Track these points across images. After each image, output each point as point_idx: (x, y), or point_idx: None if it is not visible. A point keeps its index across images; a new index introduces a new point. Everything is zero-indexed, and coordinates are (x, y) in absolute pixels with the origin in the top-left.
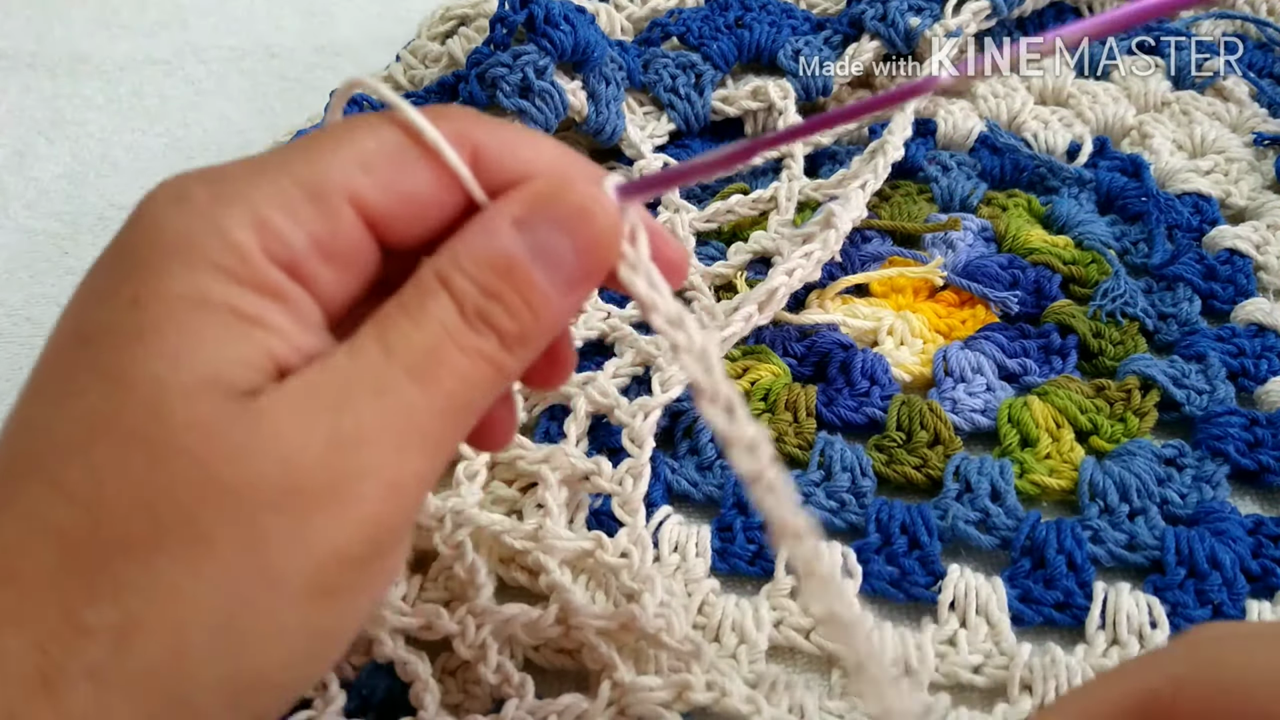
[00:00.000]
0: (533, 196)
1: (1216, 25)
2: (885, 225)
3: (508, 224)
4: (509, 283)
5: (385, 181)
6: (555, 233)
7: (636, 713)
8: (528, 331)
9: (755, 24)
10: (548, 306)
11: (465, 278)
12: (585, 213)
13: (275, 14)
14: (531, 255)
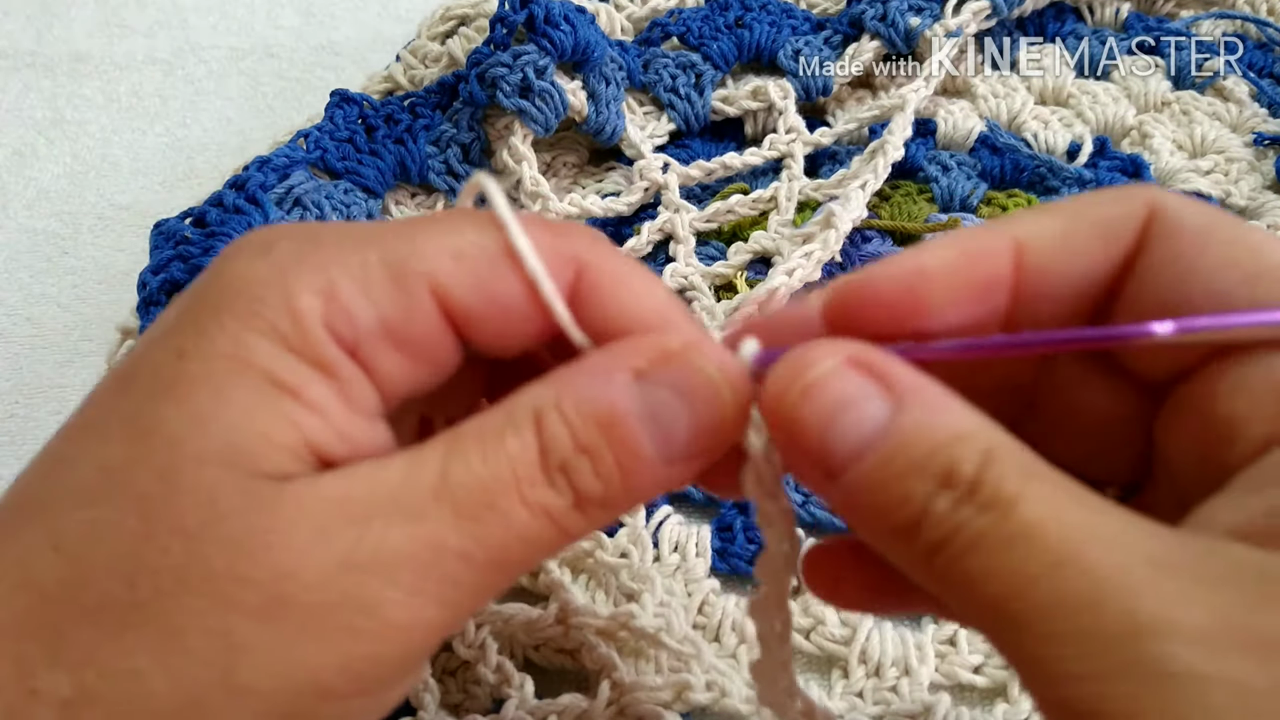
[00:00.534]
0: (661, 351)
1: (1216, 25)
2: (885, 225)
3: (627, 373)
4: (608, 439)
5: (474, 278)
6: (675, 399)
7: (636, 713)
8: (612, 498)
9: (755, 24)
10: (643, 476)
11: (561, 421)
12: (713, 388)
13: (275, 14)
14: (643, 416)
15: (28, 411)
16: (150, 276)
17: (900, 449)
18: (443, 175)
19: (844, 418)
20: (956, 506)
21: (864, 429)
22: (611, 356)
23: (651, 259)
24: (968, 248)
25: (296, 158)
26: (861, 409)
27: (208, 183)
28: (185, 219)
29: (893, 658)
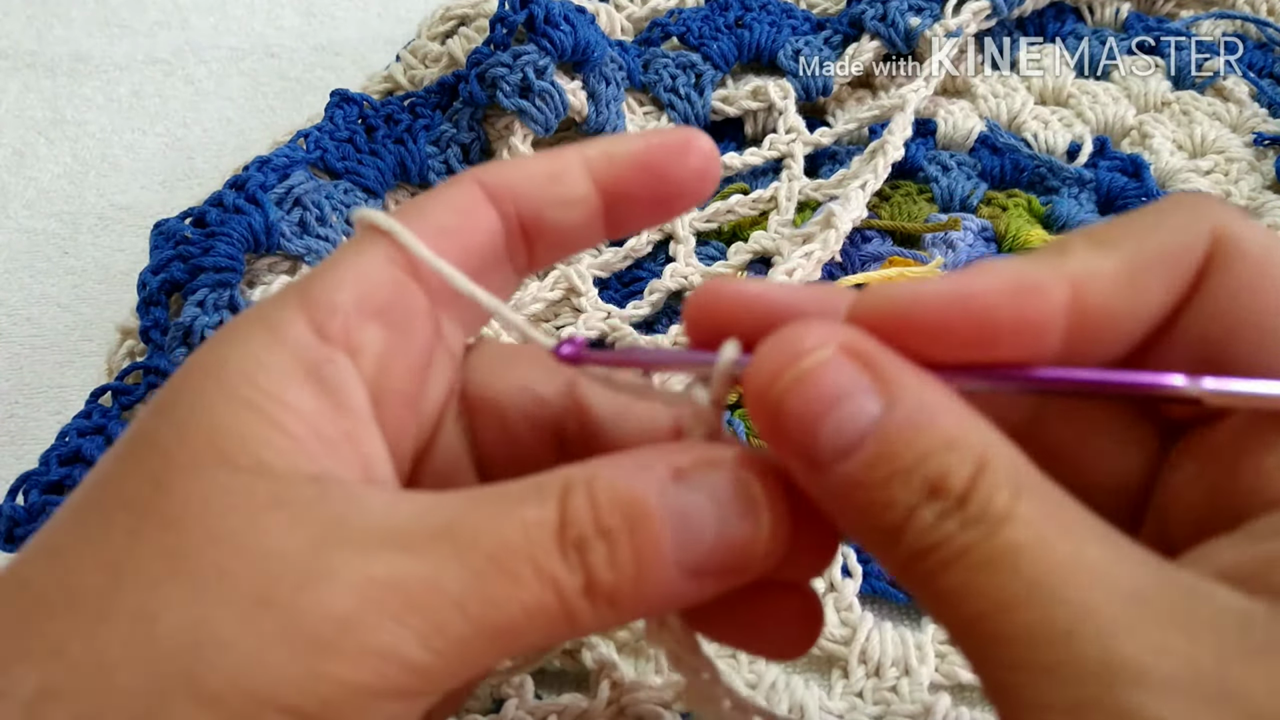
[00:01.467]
0: (704, 456)
1: (1216, 25)
2: (885, 225)
3: (666, 470)
4: (630, 527)
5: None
6: (710, 505)
7: (636, 713)
8: (622, 592)
9: (755, 24)
10: (658, 577)
11: (587, 498)
12: (751, 505)
13: (275, 14)
14: (671, 514)
15: (28, 412)
16: (150, 276)
17: (889, 452)
18: (443, 175)
19: (835, 412)
20: (942, 519)
21: (855, 425)
22: (656, 451)
23: (651, 259)
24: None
25: (296, 158)
26: (853, 404)
27: (208, 183)
28: (185, 219)
29: (893, 658)
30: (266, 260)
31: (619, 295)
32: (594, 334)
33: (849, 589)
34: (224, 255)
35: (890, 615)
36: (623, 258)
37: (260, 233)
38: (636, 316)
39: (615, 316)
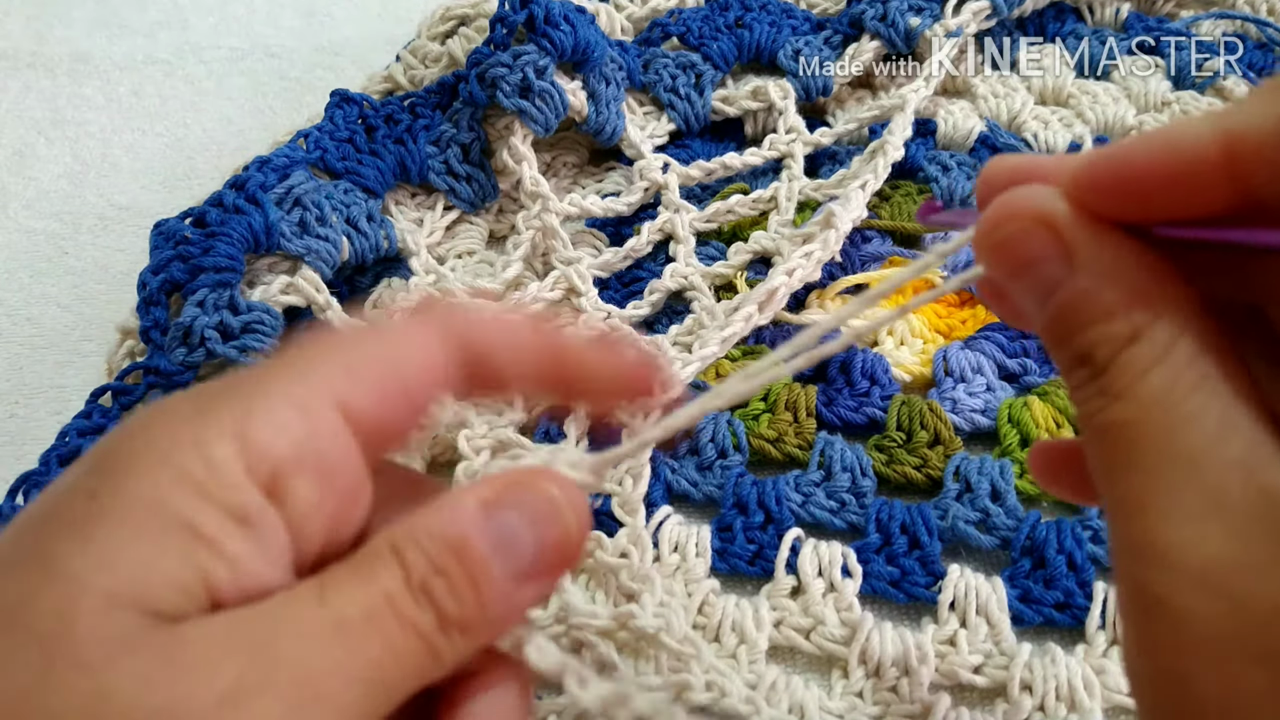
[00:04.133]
0: (508, 481)
1: (1216, 25)
2: (885, 225)
3: (474, 505)
4: (460, 562)
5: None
6: (521, 522)
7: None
8: (469, 618)
9: (755, 24)
10: (496, 596)
11: (418, 550)
12: (555, 508)
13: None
14: (491, 541)
15: (28, 412)
16: (150, 276)
17: (1062, 316)
18: (443, 175)
19: (1028, 274)
20: (1083, 385)
21: (1045, 287)
22: (460, 492)
23: (651, 259)
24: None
25: (296, 158)
26: (1042, 269)
27: (208, 183)
28: (185, 219)
29: (893, 658)
30: (266, 260)
31: (619, 295)
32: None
33: (849, 589)
34: (224, 255)
35: (890, 615)
36: (623, 258)
37: (260, 233)
38: (636, 316)
39: (615, 316)
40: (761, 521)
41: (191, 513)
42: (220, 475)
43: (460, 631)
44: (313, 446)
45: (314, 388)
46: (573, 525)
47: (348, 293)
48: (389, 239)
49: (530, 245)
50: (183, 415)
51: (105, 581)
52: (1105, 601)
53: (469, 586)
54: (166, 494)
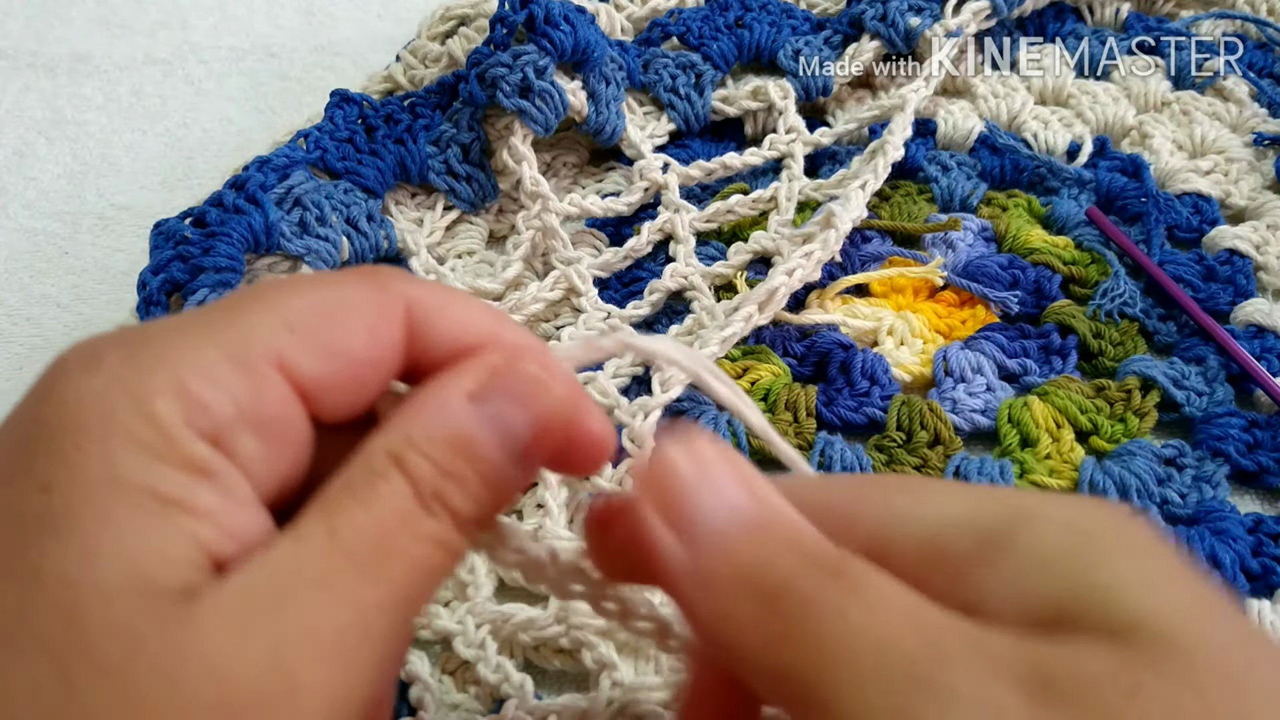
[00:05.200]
0: (487, 369)
1: (1216, 25)
2: (885, 225)
3: (462, 398)
4: (468, 461)
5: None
6: (511, 406)
7: (636, 713)
8: (483, 511)
9: (755, 24)
10: (503, 482)
11: (421, 457)
12: (541, 384)
13: (275, 14)
14: (489, 429)
15: None
16: (150, 276)
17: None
18: (443, 175)
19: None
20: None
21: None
22: (442, 387)
23: (651, 259)
24: None
25: (296, 158)
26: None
27: (208, 183)
28: (185, 219)
29: None
30: (266, 260)
31: (619, 295)
32: (593, 334)
33: None
34: (224, 255)
35: None
36: (623, 258)
37: (260, 233)
38: (636, 316)
39: (615, 316)
40: None
41: (153, 480)
42: (167, 432)
43: (474, 524)
44: (252, 404)
45: (251, 342)
46: (561, 394)
47: None
48: (389, 239)
49: (530, 245)
50: (113, 369)
51: (98, 576)
52: None
53: (481, 484)
54: (122, 466)
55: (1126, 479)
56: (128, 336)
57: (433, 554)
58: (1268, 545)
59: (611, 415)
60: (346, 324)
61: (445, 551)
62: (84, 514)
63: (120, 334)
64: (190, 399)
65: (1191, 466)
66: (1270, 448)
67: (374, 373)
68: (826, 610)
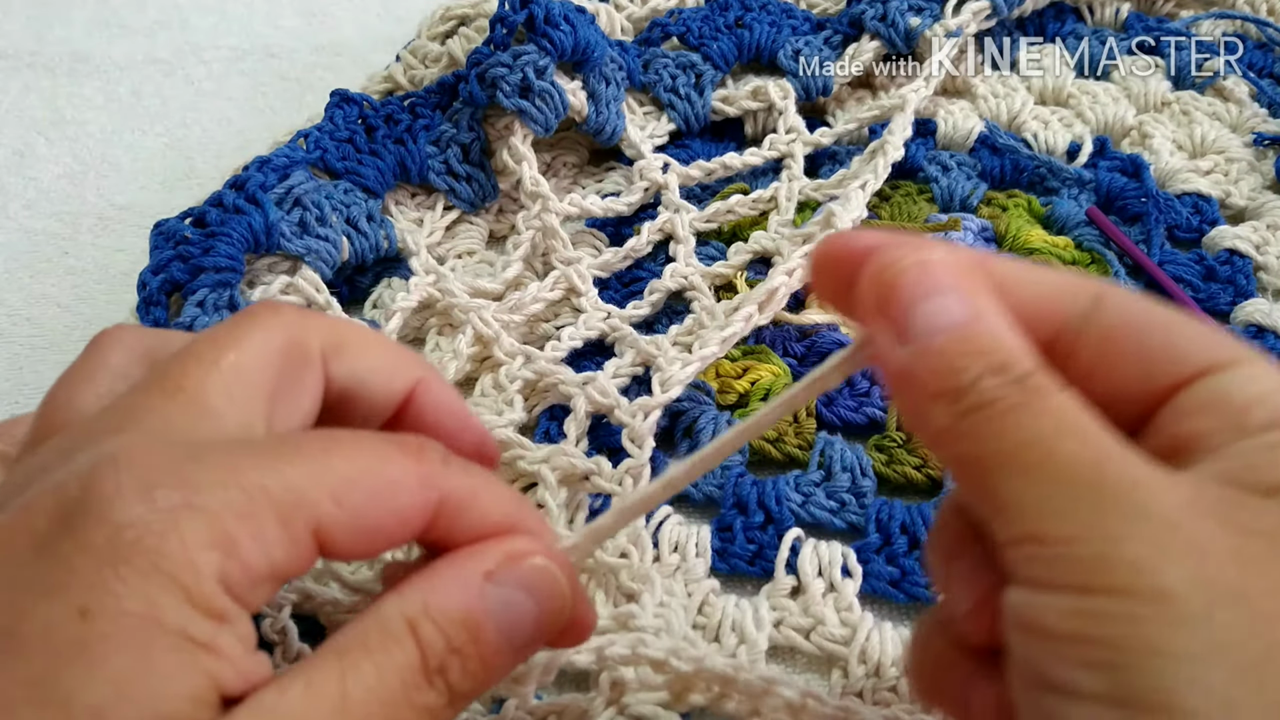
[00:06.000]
0: (506, 554)
1: (1216, 25)
2: (885, 225)
3: (479, 577)
4: (474, 643)
5: (352, 518)
6: (521, 594)
7: (636, 713)
8: (476, 689)
9: (755, 24)
10: (500, 667)
11: (435, 630)
12: (552, 578)
13: (275, 14)
14: (497, 616)
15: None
16: (150, 276)
17: (970, 338)
18: (443, 175)
19: (935, 300)
20: (1004, 385)
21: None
22: (463, 564)
23: (651, 259)
24: None
25: (296, 158)
26: (953, 302)
27: (208, 183)
28: (185, 219)
29: (893, 658)
30: (266, 260)
31: (619, 295)
32: (594, 334)
33: (849, 589)
34: (224, 255)
35: (890, 615)
36: (623, 258)
37: (260, 233)
38: (636, 316)
39: (615, 316)
40: (761, 521)
41: (185, 623)
42: (202, 582)
43: (465, 701)
44: (284, 567)
45: (301, 508)
46: (567, 595)
47: (348, 293)
48: (389, 239)
49: (530, 245)
50: (168, 504)
51: (124, 712)
52: None
53: (480, 666)
54: (159, 607)
55: None
56: (184, 462)
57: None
58: None
59: (612, 415)
60: (386, 507)
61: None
62: (120, 649)
63: (176, 454)
64: (236, 558)
65: None
66: None
67: (392, 545)
68: (1003, 410)
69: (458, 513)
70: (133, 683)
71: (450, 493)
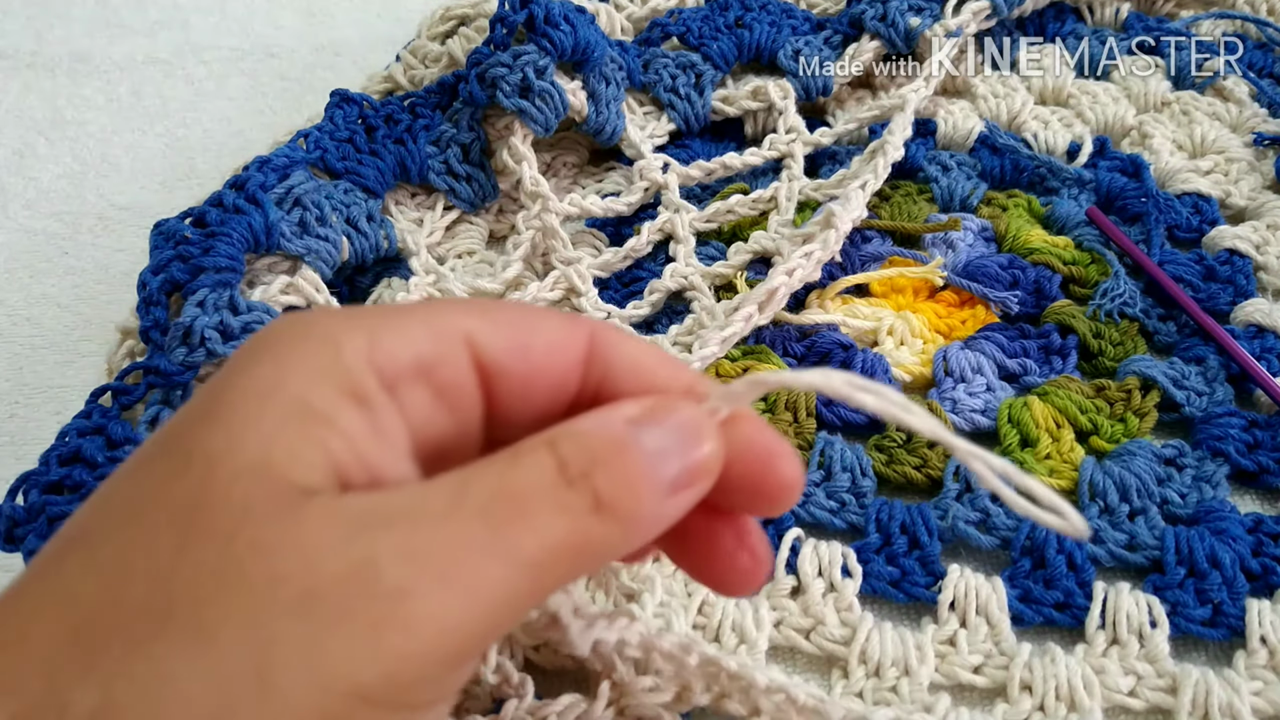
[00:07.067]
0: (649, 405)
1: (1216, 25)
2: (885, 225)
3: (623, 419)
4: (619, 457)
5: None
6: (666, 435)
7: (636, 713)
8: (624, 505)
9: (755, 24)
10: (649, 493)
11: (574, 444)
12: (697, 429)
13: (275, 14)
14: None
15: (28, 412)
16: (150, 276)
17: None
18: (443, 175)
19: None
20: None
21: None
22: (604, 411)
23: (651, 259)
24: None
25: (296, 158)
26: None
27: (208, 183)
28: (185, 219)
29: (893, 658)
30: (266, 260)
31: (619, 295)
32: None
33: (849, 589)
34: (224, 255)
35: (890, 615)
36: (623, 258)
37: (260, 233)
38: (636, 316)
39: (615, 316)
40: (761, 521)
41: (306, 390)
42: (342, 360)
43: (615, 518)
44: (433, 361)
45: (447, 317)
46: (712, 445)
47: (348, 293)
48: (389, 239)
49: (530, 245)
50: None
51: (233, 460)
52: (1105, 601)
53: (625, 477)
54: (287, 376)
55: (1126, 479)
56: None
57: (562, 525)
58: (1268, 545)
59: None
60: (535, 329)
61: (576, 529)
62: (240, 409)
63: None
64: (378, 344)
65: (1191, 466)
66: (1270, 448)
67: (550, 384)
68: None
69: (606, 357)
70: (245, 435)
71: (596, 333)
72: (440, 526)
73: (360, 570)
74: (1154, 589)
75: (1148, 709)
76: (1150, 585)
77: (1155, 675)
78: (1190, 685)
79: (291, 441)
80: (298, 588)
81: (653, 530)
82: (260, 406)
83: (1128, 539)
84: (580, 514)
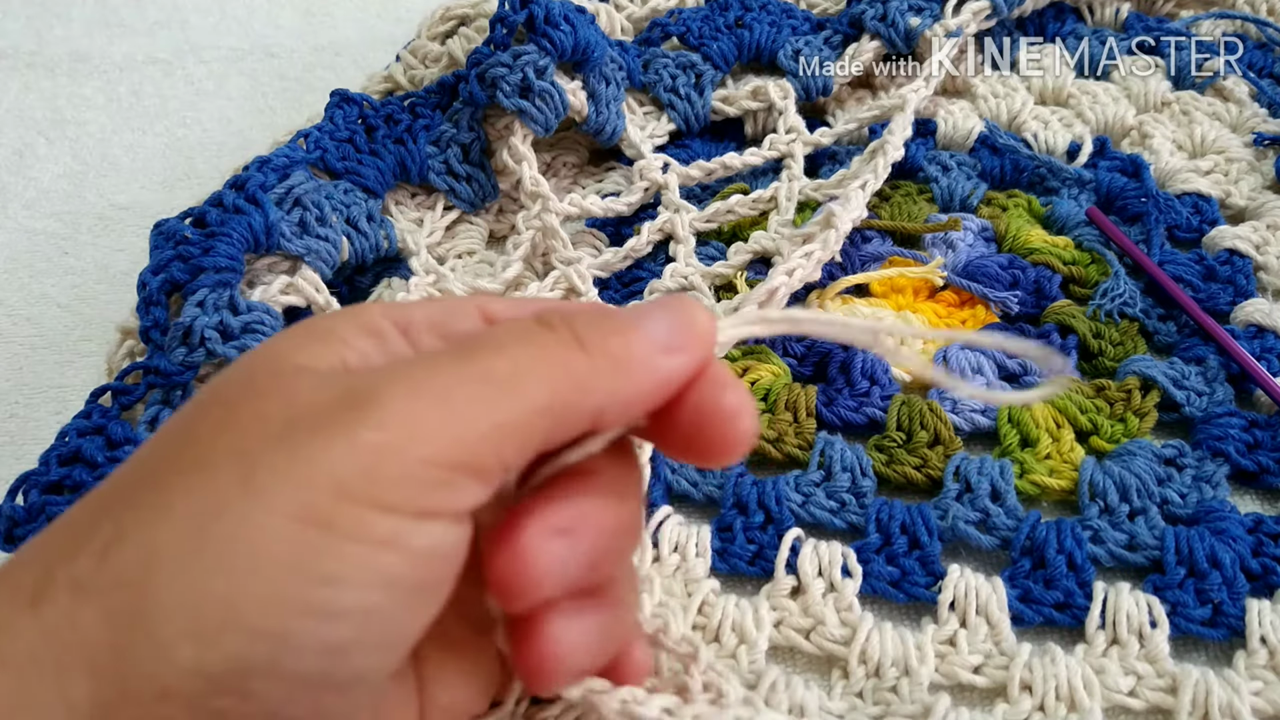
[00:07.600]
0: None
1: (1216, 25)
2: (885, 225)
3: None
4: (606, 315)
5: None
6: (655, 309)
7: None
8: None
9: (755, 24)
10: (637, 342)
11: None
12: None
13: (275, 14)
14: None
15: (28, 412)
16: (150, 276)
17: None
18: (443, 175)
19: None
20: None
21: None
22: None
23: (651, 259)
24: None
25: (296, 158)
26: None
27: (208, 183)
28: (185, 219)
29: (893, 658)
30: (266, 260)
31: (619, 295)
32: None
33: (849, 589)
34: (224, 255)
35: (890, 615)
36: (623, 258)
37: (260, 233)
38: None
39: None
40: (761, 521)
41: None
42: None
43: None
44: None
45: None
46: (702, 316)
47: (348, 293)
48: (389, 239)
49: (530, 245)
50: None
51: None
52: (1105, 601)
53: (613, 328)
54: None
55: (1126, 479)
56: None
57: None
58: (1268, 545)
59: None
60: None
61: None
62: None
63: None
64: (397, 306)
65: (1191, 466)
66: (1270, 448)
67: None
68: None
69: None
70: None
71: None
72: (416, 362)
73: (340, 397)
74: (1154, 589)
75: (1148, 709)
76: (1150, 585)
77: (1155, 675)
78: (1190, 685)
79: (308, 344)
80: (280, 419)
81: (648, 382)
82: (292, 329)
83: (1128, 539)
84: (557, 345)
